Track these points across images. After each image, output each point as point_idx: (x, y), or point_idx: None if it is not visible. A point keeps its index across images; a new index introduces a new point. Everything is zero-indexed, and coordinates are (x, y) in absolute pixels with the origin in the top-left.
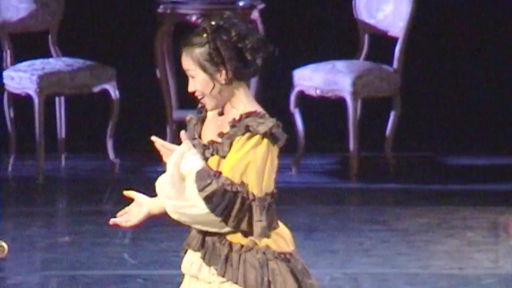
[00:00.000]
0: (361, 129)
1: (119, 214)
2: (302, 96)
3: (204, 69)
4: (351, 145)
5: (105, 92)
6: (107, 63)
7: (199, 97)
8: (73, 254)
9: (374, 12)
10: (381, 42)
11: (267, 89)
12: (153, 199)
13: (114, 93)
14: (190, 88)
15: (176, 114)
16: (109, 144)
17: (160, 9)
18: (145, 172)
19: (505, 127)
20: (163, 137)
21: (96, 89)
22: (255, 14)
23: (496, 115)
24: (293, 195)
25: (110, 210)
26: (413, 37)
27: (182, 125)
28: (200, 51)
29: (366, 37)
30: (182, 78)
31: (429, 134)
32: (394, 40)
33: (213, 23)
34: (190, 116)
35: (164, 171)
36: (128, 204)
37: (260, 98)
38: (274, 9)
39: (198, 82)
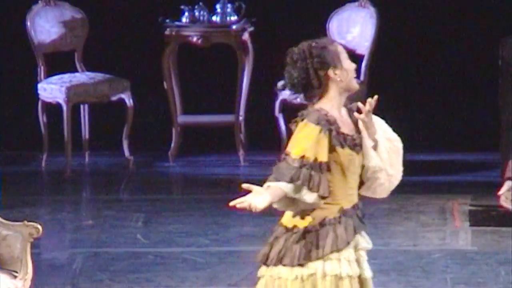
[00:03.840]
0: None
1: (235, 202)
2: (284, 103)
3: None
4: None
5: (122, 101)
6: (123, 76)
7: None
8: (96, 234)
9: (344, 34)
10: (350, 58)
11: (257, 97)
12: (267, 190)
13: (129, 101)
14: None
15: (180, 118)
16: (125, 144)
17: (167, 32)
18: (155, 167)
19: (452, 129)
20: (169, 138)
21: (114, 98)
22: (245, 36)
23: (445, 120)
24: (169, 186)
25: (126, 199)
26: (376, 55)
27: (185, 128)
28: None
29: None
30: (185, 88)
31: None
32: (361, 57)
33: None
34: (317, 120)
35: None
36: (140, 194)
37: (251, 104)
38: (261, 32)
39: None
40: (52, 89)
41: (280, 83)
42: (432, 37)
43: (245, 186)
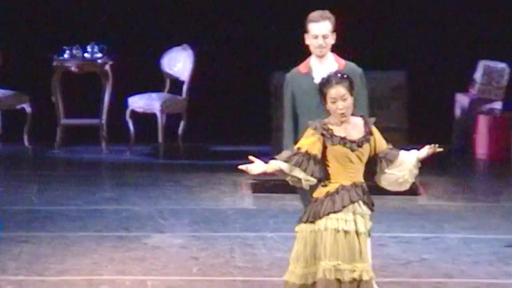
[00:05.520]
0: (166, 130)
1: (241, 167)
2: (133, 112)
3: (351, 94)
4: (160, 139)
5: (23, 108)
6: (24, 92)
7: (344, 112)
8: (4, 197)
9: (172, 67)
10: (176, 83)
11: (114, 107)
12: (267, 164)
13: (28, 109)
14: (342, 107)
15: (63, 121)
16: (25, 137)
17: (54, 63)
18: (46, 153)
19: (242, 129)
20: (55, 134)
21: (18, 106)
22: (107, 67)
23: (239, 120)
24: (127, 167)
25: (25, 173)
26: (193, 81)
27: (66, 127)
28: (347, 85)
29: (168, 80)
30: (66, 101)
31: (203, 133)
32: (183, 82)
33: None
34: (314, 127)
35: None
36: (35, 171)
37: (110, 112)
38: (118, 65)
39: (348, 102)
40: None
41: None
42: (228, 71)
43: (251, 157)
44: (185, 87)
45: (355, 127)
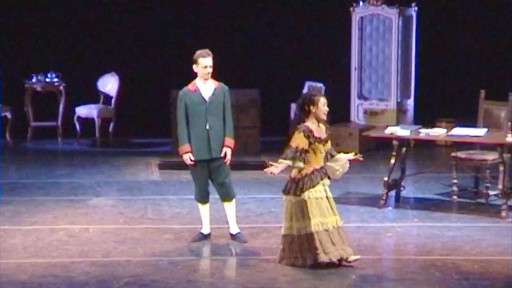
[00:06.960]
0: (101, 129)
1: (265, 170)
2: (79, 117)
3: None
4: (97, 134)
5: (6, 115)
6: (7, 104)
7: (327, 113)
8: None
9: (105, 87)
10: (107, 98)
11: (68, 114)
12: (280, 165)
13: (9, 116)
14: (327, 110)
15: (32, 124)
16: (8, 134)
17: (26, 85)
18: (22, 146)
19: (158, 124)
20: (26, 132)
21: (2, 114)
22: (61, 88)
23: (153, 124)
24: (75, 153)
25: (7, 158)
26: (119, 96)
27: (35, 128)
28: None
29: (102, 96)
30: (35, 111)
31: (125, 131)
32: (111, 97)
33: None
34: (302, 130)
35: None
36: (14, 156)
37: (64, 117)
38: (69, 86)
39: (327, 108)
40: None
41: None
42: (141, 89)
43: (271, 162)
44: (113, 100)
45: (322, 130)
